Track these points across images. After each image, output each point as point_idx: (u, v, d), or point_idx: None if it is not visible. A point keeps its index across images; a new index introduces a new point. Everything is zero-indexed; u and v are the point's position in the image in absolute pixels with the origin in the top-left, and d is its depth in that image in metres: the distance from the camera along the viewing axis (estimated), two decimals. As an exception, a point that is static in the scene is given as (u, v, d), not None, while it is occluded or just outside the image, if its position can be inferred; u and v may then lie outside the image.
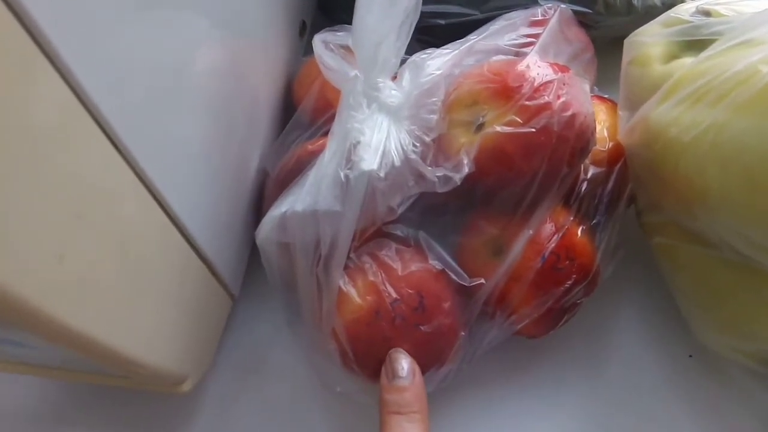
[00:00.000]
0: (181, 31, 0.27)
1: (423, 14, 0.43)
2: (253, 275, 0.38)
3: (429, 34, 0.44)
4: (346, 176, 0.28)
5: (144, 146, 0.23)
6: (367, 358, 0.31)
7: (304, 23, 0.46)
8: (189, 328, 0.30)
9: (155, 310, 0.27)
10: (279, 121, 0.41)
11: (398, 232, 0.32)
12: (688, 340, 0.36)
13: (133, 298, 0.25)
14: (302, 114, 0.38)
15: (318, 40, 0.33)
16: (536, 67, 0.30)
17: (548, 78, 0.30)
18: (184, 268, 0.29)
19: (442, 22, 0.43)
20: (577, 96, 0.30)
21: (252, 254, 0.38)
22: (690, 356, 0.37)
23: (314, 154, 0.33)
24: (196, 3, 0.29)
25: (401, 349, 0.29)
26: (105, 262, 0.22)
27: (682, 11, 0.35)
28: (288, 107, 0.42)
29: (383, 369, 0.29)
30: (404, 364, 0.29)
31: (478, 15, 0.43)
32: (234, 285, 0.36)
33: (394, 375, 0.28)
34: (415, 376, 0.29)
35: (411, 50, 0.38)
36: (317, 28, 0.36)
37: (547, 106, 0.29)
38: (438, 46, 0.36)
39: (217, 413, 0.36)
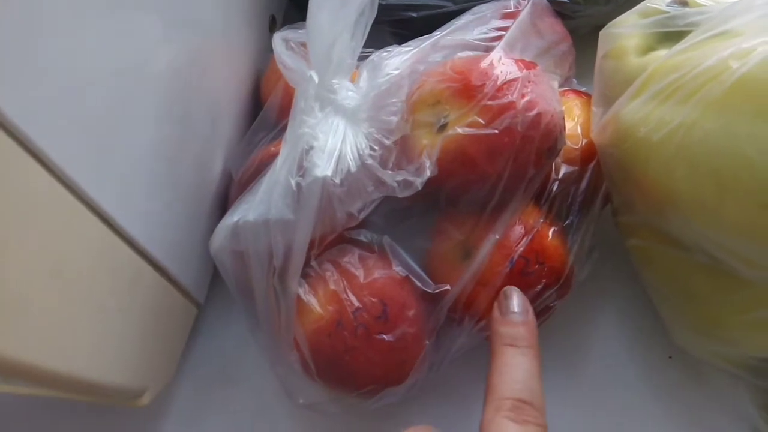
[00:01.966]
0: (127, 33, 0.26)
1: (395, 7, 0.42)
2: (221, 281, 0.37)
3: (402, 27, 0.43)
4: (298, 184, 0.26)
5: (76, 157, 0.22)
6: (329, 369, 0.30)
7: (273, 18, 0.44)
8: (144, 340, 0.29)
9: (101, 326, 0.26)
10: (246, 120, 0.40)
11: (362, 238, 0.31)
12: (667, 341, 0.34)
13: (73, 317, 0.24)
14: (268, 113, 0.37)
15: (278, 38, 0.32)
16: (500, 65, 0.29)
17: (512, 76, 0.28)
18: (135, 280, 0.28)
19: (415, 14, 0.42)
20: (544, 94, 0.29)
21: (219, 259, 0.37)
22: (670, 358, 0.36)
23: (276, 157, 0.32)
24: (142, 2, 0.28)
25: (514, 287, 0.29)
26: (35, 283, 0.21)
27: (658, 0, 0.33)
28: (257, 105, 0.41)
29: (495, 303, 0.29)
30: (517, 300, 0.29)
31: (451, 6, 0.41)
32: (198, 292, 0.35)
33: (508, 310, 0.28)
34: (528, 313, 0.28)
35: (384, 44, 0.37)
36: (290, 23, 0.35)
37: (510, 105, 0.27)
38: (412, 38, 0.35)
39: (182, 424, 0.35)
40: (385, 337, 0.29)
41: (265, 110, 0.37)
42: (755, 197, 0.23)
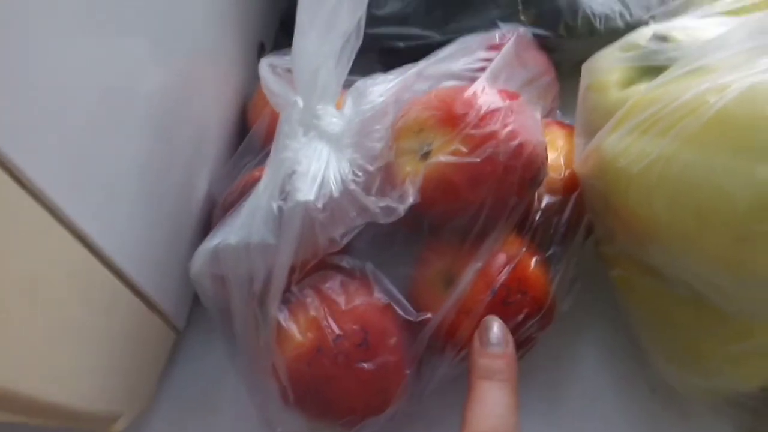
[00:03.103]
0: (114, 53, 0.26)
1: (382, 37, 0.43)
2: (202, 307, 0.37)
3: (389, 56, 0.43)
4: (280, 208, 0.26)
5: (53, 174, 0.22)
6: (308, 398, 0.29)
7: (262, 44, 0.45)
8: (120, 364, 0.29)
9: (74, 348, 0.25)
10: (232, 144, 0.40)
11: (344, 264, 0.31)
12: (651, 374, 0.34)
13: (46, 336, 0.23)
14: (254, 138, 0.37)
15: (264, 64, 0.32)
16: (483, 95, 0.29)
17: (495, 106, 0.28)
18: (112, 302, 0.27)
19: (402, 44, 0.42)
20: (526, 124, 0.29)
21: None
22: (653, 391, 0.35)
23: (260, 181, 0.32)
24: (130, 22, 0.28)
25: (495, 317, 0.29)
26: (8, 300, 0.21)
27: (640, 36, 0.34)
28: (243, 130, 0.41)
29: (476, 333, 0.29)
30: (497, 331, 0.28)
31: (438, 37, 0.42)
32: (178, 317, 0.35)
33: (487, 342, 0.28)
34: (508, 345, 0.28)
35: (371, 73, 0.37)
36: (280, 49, 0.35)
37: (492, 135, 0.28)
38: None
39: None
40: (365, 365, 0.29)
41: (251, 135, 0.37)
42: (733, 230, 0.23)
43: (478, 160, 0.28)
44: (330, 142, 0.29)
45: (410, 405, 0.31)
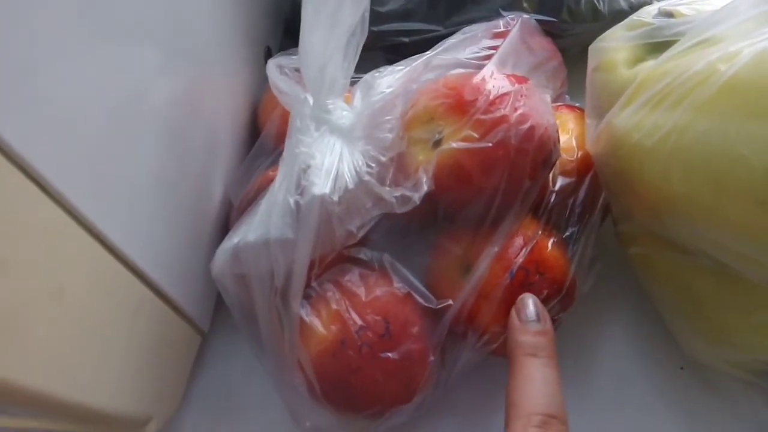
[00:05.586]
0: (125, 64, 0.27)
1: (387, 33, 0.43)
2: (225, 309, 0.37)
3: (395, 52, 0.44)
4: (297, 202, 0.27)
5: (76, 183, 0.23)
6: (335, 391, 0.29)
7: (269, 49, 0.45)
8: (147, 367, 0.29)
9: (102, 352, 0.25)
10: (245, 147, 0.41)
11: (362, 256, 0.31)
12: (678, 351, 0.34)
13: (74, 341, 0.23)
14: (266, 140, 0.37)
15: (272, 64, 0.33)
16: (492, 80, 0.29)
17: (504, 90, 0.29)
18: (138, 305, 0.28)
19: (406, 39, 0.42)
20: (537, 107, 0.29)
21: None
22: (681, 368, 0.35)
23: (274, 180, 0.32)
24: (141, 32, 0.28)
25: (530, 294, 0.29)
26: (36, 305, 0.21)
27: (644, 14, 0.34)
28: (254, 133, 0.42)
29: (513, 311, 0.29)
30: (534, 308, 0.28)
31: (441, 30, 0.42)
32: (202, 319, 0.35)
33: (526, 319, 0.28)
34: (547, 322, 0.28)
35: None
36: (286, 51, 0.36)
37: (503, 119, 0.28)
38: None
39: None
40: (390, 355, 0.29)
41: (263, 137, 0.38)
42: (752, 194, 0.23)
43: (490, 144, 0.28)
44: (342, 136, 0.29)
45: (436, 393, 0.31)
